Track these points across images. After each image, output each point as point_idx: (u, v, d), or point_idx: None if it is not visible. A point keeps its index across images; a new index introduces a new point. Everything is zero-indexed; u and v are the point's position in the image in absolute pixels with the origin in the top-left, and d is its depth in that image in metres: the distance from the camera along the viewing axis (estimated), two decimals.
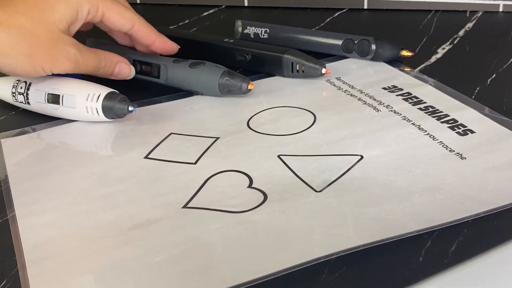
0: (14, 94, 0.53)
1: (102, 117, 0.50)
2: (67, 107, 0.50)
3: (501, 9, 0.72)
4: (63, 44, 0.48)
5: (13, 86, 0.53)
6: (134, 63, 0.56)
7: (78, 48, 0.50)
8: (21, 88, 0.52)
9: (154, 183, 0.43)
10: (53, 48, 0.48)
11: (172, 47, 0.57)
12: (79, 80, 0.52)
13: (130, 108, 0.49)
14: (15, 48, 0.47)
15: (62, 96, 0.50)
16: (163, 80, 0.55)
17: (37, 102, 0.52)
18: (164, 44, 0.56)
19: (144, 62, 0.56)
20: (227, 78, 0.53)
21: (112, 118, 0.50)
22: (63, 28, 0.49)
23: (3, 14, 0.47)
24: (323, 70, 0.56)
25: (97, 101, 0.49)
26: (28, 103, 0.52)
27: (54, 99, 0.51)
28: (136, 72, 0.56)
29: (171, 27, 0.72)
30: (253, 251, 0.35)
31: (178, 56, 0.56)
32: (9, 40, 0.46)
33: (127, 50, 0.58)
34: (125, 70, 0.54)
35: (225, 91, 0.53)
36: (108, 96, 0.49)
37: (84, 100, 0.50)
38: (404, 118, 0.49)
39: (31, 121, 0.52)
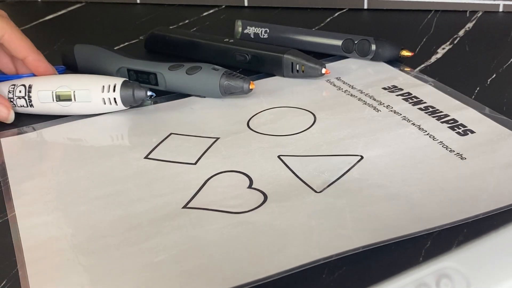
0: (13, 99, 0.52)
1: (120, 106, 0.51)
2: (80, 102, 0.51)
3: (501, 9, 0.72)
4: None
5: (9, 92, 0.52)
6: (129, 72, 0.55)
7: None
8: (19, 92, 0.52)
9: (154, 183, 0.43)
10: None
11: (46, 68, 0.53)
12: (86, 75, 0.52)
13: (149, 93, 0.50)
14: None
15: (74, 92, 0.51)
16: (163, 87, 0.55)
17: (43, 103, 0.52)
18: (38, 62, 0.53)
19: (139, 71, 0.55)
20: (227, 81, 0.52)
21: (130, 106, 0.51)
22: None
23: None
24: (323, 70, 0.56)
25: (114, 91, 0.50)
26: (31, 105, 0.52)
27: (65, 96, 0.51)
28: (133, 80, 0.54)
29: (171, 27, 0.72)
30: (253, 251, 0.35)
31: (178, 57, 0.56)
32: None
33: (121, 58, 0.56)
34: (2, 113, 0.51)
35: (226, 93, 0.53)
36: (124, 85, 0.50)
37: (100, 92, 0.50)
38: (404, 118, 0.49)
39: (31, 120, 0.52)
